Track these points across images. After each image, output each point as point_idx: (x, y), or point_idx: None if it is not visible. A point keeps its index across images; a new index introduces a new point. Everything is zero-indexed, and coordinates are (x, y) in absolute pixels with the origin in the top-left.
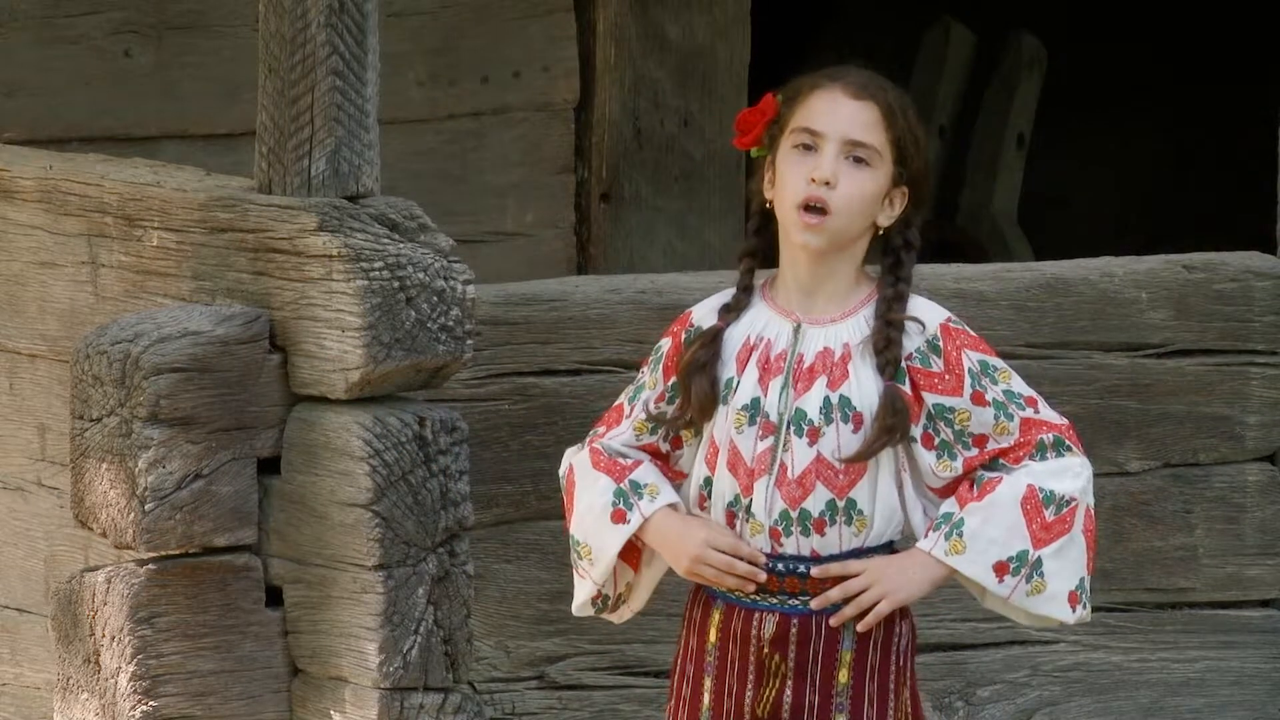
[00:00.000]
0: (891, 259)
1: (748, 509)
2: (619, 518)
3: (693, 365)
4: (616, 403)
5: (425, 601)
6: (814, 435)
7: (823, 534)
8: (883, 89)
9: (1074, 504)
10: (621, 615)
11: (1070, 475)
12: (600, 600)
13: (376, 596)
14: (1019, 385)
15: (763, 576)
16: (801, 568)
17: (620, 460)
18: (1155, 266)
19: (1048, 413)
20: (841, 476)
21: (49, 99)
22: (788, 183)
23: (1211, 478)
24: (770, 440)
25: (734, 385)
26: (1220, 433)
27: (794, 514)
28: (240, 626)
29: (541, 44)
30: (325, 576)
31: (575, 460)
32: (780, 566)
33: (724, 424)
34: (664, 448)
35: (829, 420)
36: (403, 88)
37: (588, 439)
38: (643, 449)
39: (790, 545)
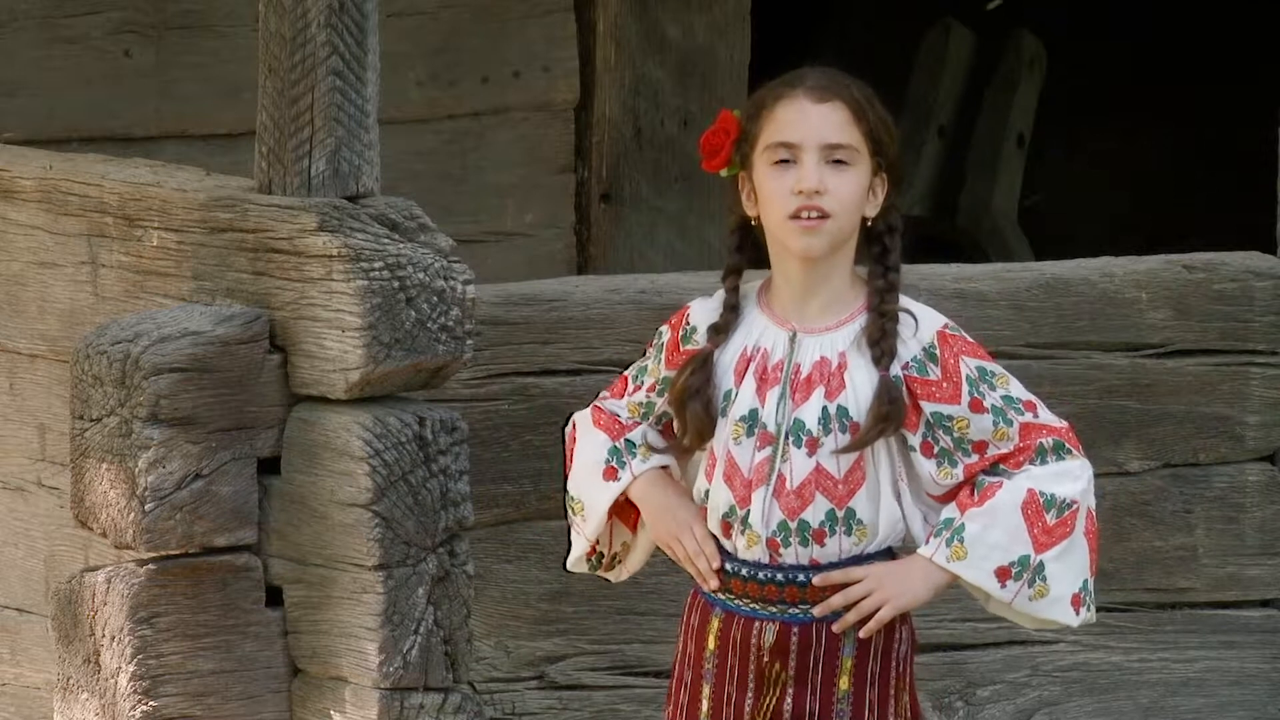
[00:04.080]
0: (878, 247)
1: (744, 520)
2: (610, 474)
3: (686, 392)
4: (623, 374)
5: (425, 601)
6: (813, 446)
7: (822, 544)
8: (845, 85)
9: (1075, 507)
10: (618, 575)
11: (1070, 478)
12: (595, 557)
13: (376, 596)
14: (1017, 390)
15: (713, 583)
16: (801, 577)
17: (619, 419)
18: (1155, 266)
19: (1047, 416)
20: (841, 486)
21: (49, 99)
22: (774, 199)
23: (1211, 478)
24: (768, 451)
25: (733, 396)
26: (1220, 433)
27: (793, 525)
28: (240, 626)
29: (541, 44)
30: (325, 576)
31: (578, 417)
32: (780, 576)
33: (723, 435)
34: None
35: (827, 430)
36: (403, 88)
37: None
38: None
39: (789, 555)
